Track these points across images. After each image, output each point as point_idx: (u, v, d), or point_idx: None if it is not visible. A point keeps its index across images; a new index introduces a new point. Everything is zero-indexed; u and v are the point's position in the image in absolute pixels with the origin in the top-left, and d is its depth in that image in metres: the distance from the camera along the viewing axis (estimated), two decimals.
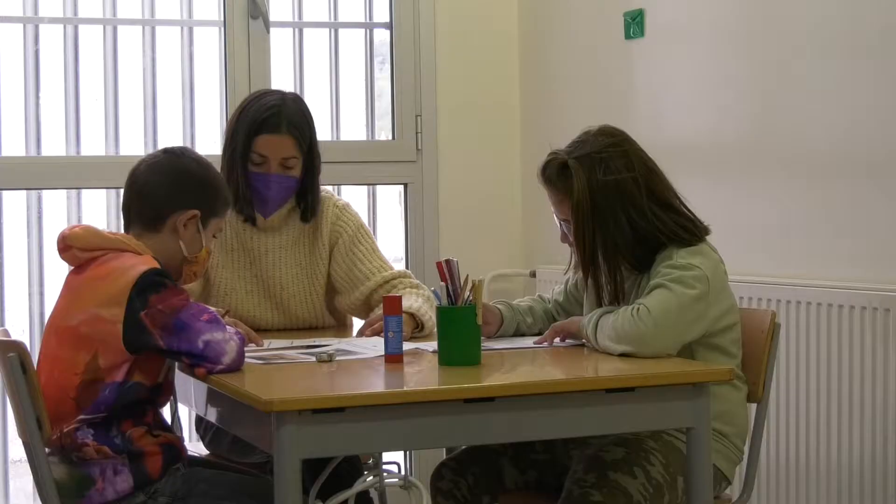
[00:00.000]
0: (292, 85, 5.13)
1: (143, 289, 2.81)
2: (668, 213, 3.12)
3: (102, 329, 2.82)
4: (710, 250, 3.12)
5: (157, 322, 2.79)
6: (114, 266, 2.87)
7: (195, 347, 2.78)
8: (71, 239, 2.94)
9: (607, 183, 3.08)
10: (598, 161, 3.09)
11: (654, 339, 2.94)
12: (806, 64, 3.86)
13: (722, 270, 3.10)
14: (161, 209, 2.99)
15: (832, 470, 3.69)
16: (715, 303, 3.04)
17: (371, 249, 3.66)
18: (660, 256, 3.09)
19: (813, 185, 3.84)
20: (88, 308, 2.85)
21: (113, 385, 2.84)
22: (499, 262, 5.23)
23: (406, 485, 2.85)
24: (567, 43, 5.05)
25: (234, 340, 2.80)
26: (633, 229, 3.09)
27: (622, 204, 3.08)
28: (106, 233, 2.96)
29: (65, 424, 2.85)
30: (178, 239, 3.00)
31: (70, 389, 2.85)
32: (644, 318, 2.94)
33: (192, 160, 3.06)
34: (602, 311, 3.07)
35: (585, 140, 3.15)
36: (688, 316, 2.98)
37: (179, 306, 2.81)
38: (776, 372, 3.64)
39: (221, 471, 3.05)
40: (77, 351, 2.85)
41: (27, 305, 4.83)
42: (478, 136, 5.27)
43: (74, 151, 4.88)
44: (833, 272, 3.76)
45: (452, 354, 2.87)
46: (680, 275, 3.00)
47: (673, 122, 4.41)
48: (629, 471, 2.96)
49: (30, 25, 4.85)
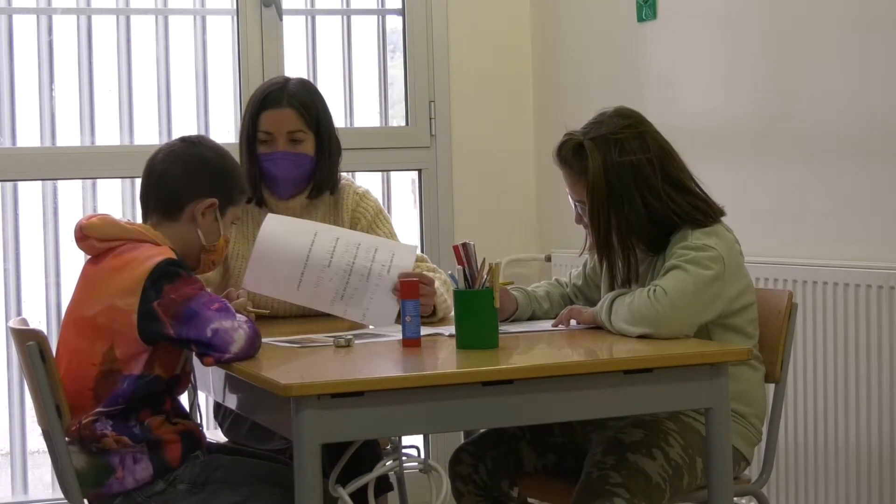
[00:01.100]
0: (305, 72, 5.13)
1: (158, 278, 2.81)
2: (682, 195, 3.11)
3: (118, 319, 2.82)
4: (725, 231, 3.11)
5: (169, 311, 2.79)
6: (131, 257, 2.88)
7: (203, 335, 2.77)
8: (88, 229, 2.94)
9: (622, 164, 3.08)
10: (613, 142, 3.09)
11: (672, 320, 2.94)
12: (819, 44, 3.85)
13: (737, 251, 3.10)
14: (179, 198, 3.00)
15: (851, 449, 3.69)
16: (731, 283, 3.04)
17: (389, 234, 3.67)
18: (674, 238, 3.09)
19: (827, 164, 3.83)
20: (105, 298, 2.85)
21: (131, 378, 2.84)
22: (514, 247, 5.23)
23: (425, 468, 2.85)
24: (580, 26, 5.05)
25: (244, 329, 2.79)
26: (647, 210, 3.09)
27: (637, 185, 3.08)
28: (123, 223, 2.96)
29: (83, 416, 2.86)
30: (195, 227, 3.01)
31: (88, 380, 2.85)
32: (661, 299, 2.93)
33: (210, 148, 3.07)
34: (614, 294, 3.06)
35: (601, 121, 3.14)
36: (704, 296, 2.98)
37: (191, 295, 2.81)
38: (793, 352, 3.64)
39: (240, 457, 3.06)
40: (94, 341, 2.86)
41: (44, 296, 4.85)
42: (491, 121, 5.26)
43: (89, 142, 4.89)
44: (849, 251, 3.75)
45: (470, 338, 2.87)
46: (695, 256, 3.00)
47: (686, 104, 4.40)
48: (648, 452, 2.96)
49: (43, 16, 4.86)
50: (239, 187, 3.09)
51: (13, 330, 2.98)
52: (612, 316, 3.02)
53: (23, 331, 2.89)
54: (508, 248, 5.19)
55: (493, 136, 5.26)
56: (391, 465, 2.89)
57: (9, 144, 4.81)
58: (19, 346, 2.91)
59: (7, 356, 4.75)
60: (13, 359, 4.70)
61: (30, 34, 4.84)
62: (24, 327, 2.93)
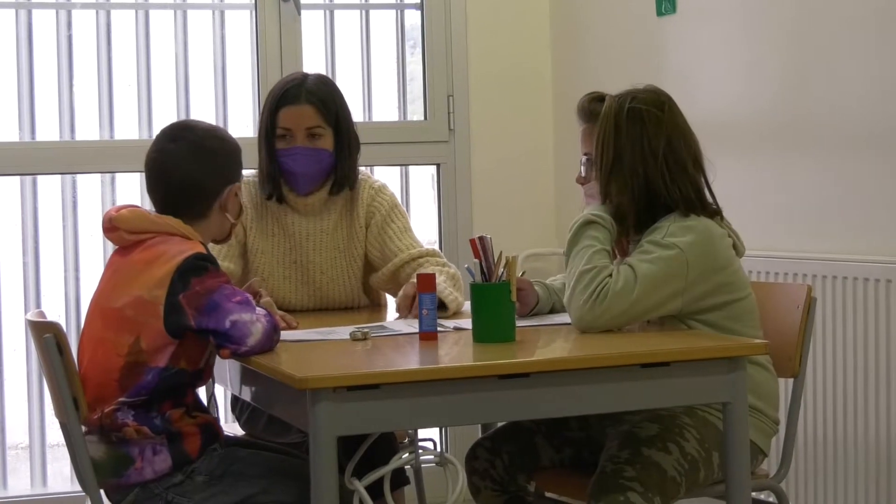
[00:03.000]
0: (324, 67, 5.13)
1: (186, 272, 2.82)
2: (680, 175, 3.09)
3: (145, 311, 2.83)
4: (712, 226, 3.06)
5: (192, 302, 2.80)
6: (161, 250, 2.88)
7: (221, 326, 2.78)
8: (118, 220, 2.94)
9: (634, 109, 3.09)
10: (631, 94, 3.13)
11: (597, 325, 2.96)
12: (839, 38, 3.83)
13: (719, 248, 3.04)
14: (206, 199, 3.01)
15: (870, 445, 3.67)
16: (698, 283, 3.00)
17: (403, 228, 3.67)
18: (658, 223, 3.07)
19: (847, 159, 3.82)
20: (133, 291, 2.86)
21: (156, 370, 2.85)
22: (532, 241, 5.22)
23: (442, 461, 2.85)
24: (599, 20, 5.04)
25: (262, 322, 2.80)
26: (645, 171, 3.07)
27: (643, 140, 3.07)
28: (153, 216, 2.96)
29: (106, 405, 2.86)
30: (224, 213, 3.03)
31: (113, 371, 2.86)
32: (596, 307, 2.93)
33: (207, 137, 3.05)
34: (586, 263, 3.03)
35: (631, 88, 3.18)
36: (646, 302, 2.96)
37: (214, 287, 2.82)
38: (812, 347, 3.63)
39: (257, 450, 3.06)
40: (121, 333, 2.86)
41: (63, 289, 4.86)
42: (510, 116, 5.26)
43: (108, 136, 4.90)
44: (868, 246, 3.73)
45: (487, 331, 2.87)
46: (656, 255, 2.98)
47: (705, 99, 4.39)
48: (664, 447, 2.95)
49: (63, 11, 4.87)
50: (240, 156, 3.11)
51: (31, 322, 2.99)
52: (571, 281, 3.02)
53: (40, 323, 2.90)
54: (527, 242, 5.19)
55: (511, 131, 5.26)
56: (407, 459, 2.90)
57: (28, 138, 4.82)
58: (37, 338, 2.92)
59: (27, 350, 4.77)
60: (32, 352, 4.71)
61: (49, 29, 4.85)
62: (42, 319, 2.94)
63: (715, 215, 3.11)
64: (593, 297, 2.94)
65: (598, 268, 2.99)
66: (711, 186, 3.15)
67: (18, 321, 4.73)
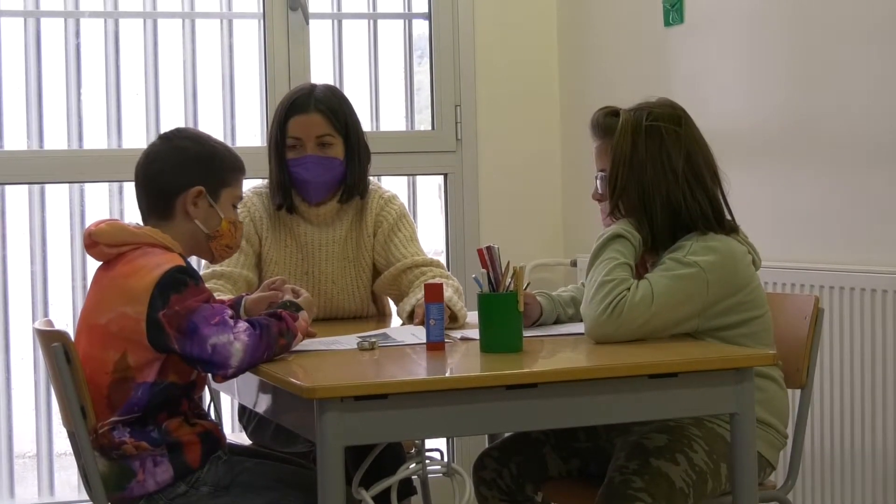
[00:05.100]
0: (331, 76, 5.14)
1: (166, 287, 2.79)
2: (700, 192, 3.08)
3: (128, 327, 2.80)
4: (733, 244, 3.06)
5: (173, 323, 2.77)
6: (140, 264, 2.85)
7: (205, 354, 2.75)
8: (97, 235, 2.91)
9: (651, 127, 3.07)
10: (647, 111, 3.10)
11: (612, 337, 2.95)
12: (846, 49, 3.83)
13: (741, 266, 3.04)
14: (166, 195, 2.96)
15: (878, 456, 3.67)
16: (718, 301, 3.00)
17: (409, 237, 3.67)
18: (679, 242, 3.06)
19: (855, 169, 3.81)
20: (116, 306, 2.83)
21: (145, 385, 2.83)
22: (539, 252, 5.22)
23: (449, 472, 2.84)
24: (606, 31, 5.04)
25: (241, 340, 2.75)
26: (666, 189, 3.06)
27: (661, 156, 3.06)
28: (132, 227, 2.93)
29: (100, 424, 2.85)
30: (191, 219, 2.96)
31: (102, 388, 2.84)
32: (614, 319, 2.92)
33: (185, 138, 3.02)
34: (606, 274, 3.03)
35: (641, 103, 3.16)
36: (663, 319, 2.96)
37: (194, 308, 2.78)
38: (820, 358, 3.62)
39: (264, 460, 3.05)
40: (106, 349, 2.84)
41: (70, 298, 4.87)
42: (518, 126, 5.26)
43: (116, 145, 4.91)
44: (876, 257, 3.73)
45: (494, 341, 2.86)
46: (678, 273, 2.97)
47: (713, 109, 4.38)
48: (672, 458, 2.95)
49: (71, 20, 4.88)
50: (228, 166, 3.02)
51: (38, 331, 2.98)
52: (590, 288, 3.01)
53: (48, 332, 2.90)
54: (534, 252, 5.19)
55: (519, 141, 5.26)
56: (414, 469, 2.88)
57: (36, 147, 4.83)
58: (44, 347, 2.92)
59: (34, 359, 4.77)
60: (39, 361, 4.72)
61: (57, 37, 4.86)
62: (50, 328, 2.93)
63: (732, 231, 3.10)
64: (610, 309, 2.93)
65: (618, 280, 2.98)
66: (728, 199, 3.14)
67: (26, 330, 4.73)
